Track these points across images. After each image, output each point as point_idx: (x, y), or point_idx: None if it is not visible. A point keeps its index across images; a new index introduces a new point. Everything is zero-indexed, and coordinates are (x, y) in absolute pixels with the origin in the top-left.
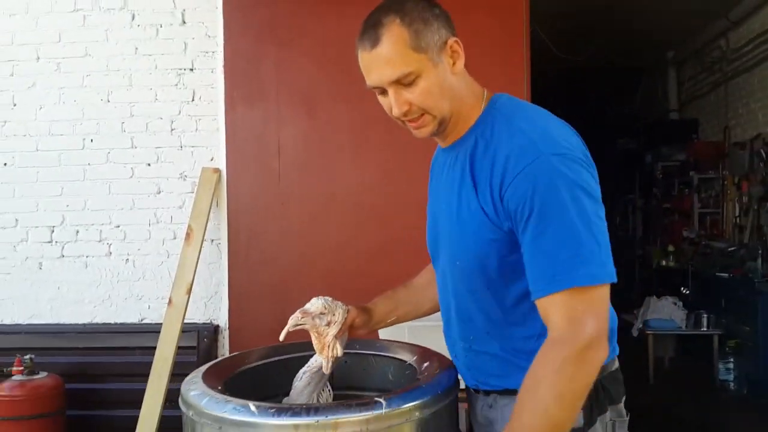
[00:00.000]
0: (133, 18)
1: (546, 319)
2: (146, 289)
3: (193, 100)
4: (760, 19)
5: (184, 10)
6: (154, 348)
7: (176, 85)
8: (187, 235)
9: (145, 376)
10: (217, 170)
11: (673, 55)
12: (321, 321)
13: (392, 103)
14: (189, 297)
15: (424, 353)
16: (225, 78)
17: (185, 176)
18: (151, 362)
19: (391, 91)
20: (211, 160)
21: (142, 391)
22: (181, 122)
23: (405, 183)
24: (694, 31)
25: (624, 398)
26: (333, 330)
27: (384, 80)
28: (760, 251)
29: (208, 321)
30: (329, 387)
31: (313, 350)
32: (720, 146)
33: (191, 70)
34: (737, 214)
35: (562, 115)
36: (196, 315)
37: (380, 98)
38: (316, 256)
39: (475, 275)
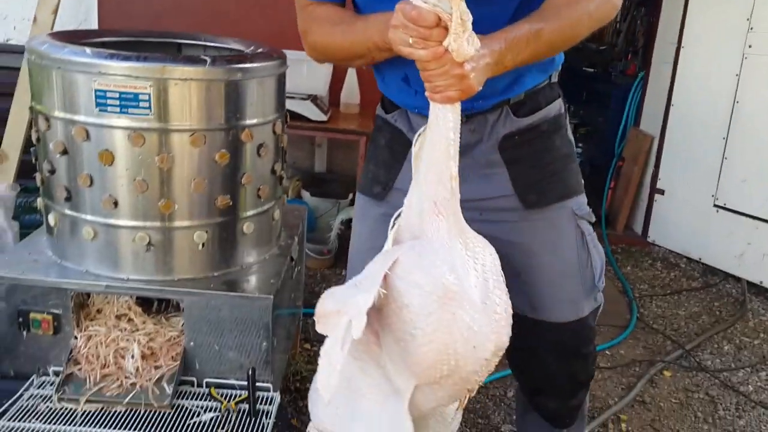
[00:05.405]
0: None
1: None
2: (11, 9)
3: None
4: None
5: None
6: (18, 69)
7: None
8: None
9: (8, 95)
10: None
11: None
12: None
13: None
14: (55, 17)
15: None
16: None
17: None
18: (15, 83)
19: None
20: None
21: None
22: None
23: None
24: None
25: None
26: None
27: None
28: (628, 53)
29: None
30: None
31: None
32: None
33: None
34: (618, 19)
35: None
36: None
37: None
38: None
39: None
